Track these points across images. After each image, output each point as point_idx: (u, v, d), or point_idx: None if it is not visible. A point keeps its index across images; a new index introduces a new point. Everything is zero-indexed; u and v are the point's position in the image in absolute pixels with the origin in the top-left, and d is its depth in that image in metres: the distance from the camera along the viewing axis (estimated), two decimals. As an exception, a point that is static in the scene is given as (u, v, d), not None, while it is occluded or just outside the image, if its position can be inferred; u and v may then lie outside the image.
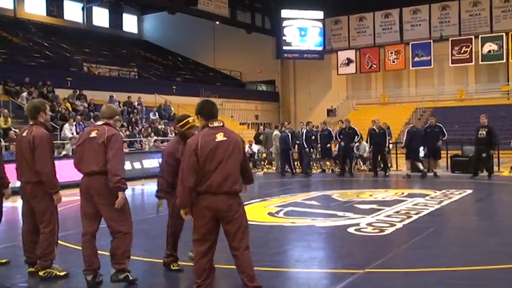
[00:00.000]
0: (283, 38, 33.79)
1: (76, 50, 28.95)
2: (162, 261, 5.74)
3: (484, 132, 14.51)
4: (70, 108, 20.15)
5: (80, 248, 5.23)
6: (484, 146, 14.50)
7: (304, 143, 17.11)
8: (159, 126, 22.82)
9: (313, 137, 17.72)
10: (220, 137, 4.36)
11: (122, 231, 5.10)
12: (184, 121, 5.62)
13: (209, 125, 4.45)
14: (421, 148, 15.93)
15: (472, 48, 30.04)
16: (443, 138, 15.69)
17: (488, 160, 14.89)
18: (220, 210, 4.33)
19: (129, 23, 39.47)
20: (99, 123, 5.37)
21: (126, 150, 18.71)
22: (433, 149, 15.52)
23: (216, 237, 4.47)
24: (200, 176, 4.30)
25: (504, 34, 29.47)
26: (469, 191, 11.95)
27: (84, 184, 5.19)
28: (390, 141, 17.35)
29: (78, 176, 5.31)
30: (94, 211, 5.14)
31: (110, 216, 5.09)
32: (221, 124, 4.49)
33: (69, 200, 9.29)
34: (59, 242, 5.76)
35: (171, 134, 22.54)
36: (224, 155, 4.32)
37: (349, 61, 33.81)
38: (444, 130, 15.67)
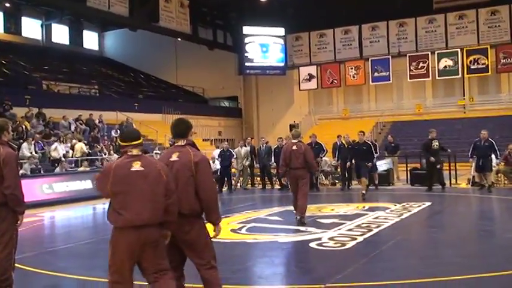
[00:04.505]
0: (245, 54, 34.01)
1: (35, 68, 28.37)
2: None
3: (438, 143, 14.93)
4: (28, 127, 19.70)
5: (38, 270, 5.12)
6: (437, 157, 14.91)
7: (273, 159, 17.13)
8: (121, 144, 22.51)
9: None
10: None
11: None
12: None
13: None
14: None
15: (428, 63, 30.83)
16: (376, 156, 15.19)
17: (441, 171, 15.31)
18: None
19: (90, 39, 39.03)
20: (294, 141, 9.15)
21: (87, 169, 18.39)
22: (359, 166, 14.26)
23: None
24: None
25: (459, 50, 30.36)
26: (428, 204, 12.24)
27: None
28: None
29: (35, 197, 5.21)
30: None
31: None
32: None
33: (27, 221, 9.08)
34: (16, 265, 5.61)
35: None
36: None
37: (310, 77, 34.22)
38: (373, 149, 14.61)
